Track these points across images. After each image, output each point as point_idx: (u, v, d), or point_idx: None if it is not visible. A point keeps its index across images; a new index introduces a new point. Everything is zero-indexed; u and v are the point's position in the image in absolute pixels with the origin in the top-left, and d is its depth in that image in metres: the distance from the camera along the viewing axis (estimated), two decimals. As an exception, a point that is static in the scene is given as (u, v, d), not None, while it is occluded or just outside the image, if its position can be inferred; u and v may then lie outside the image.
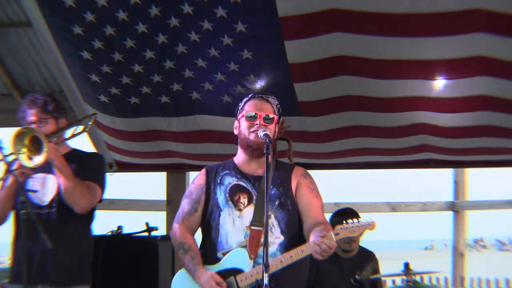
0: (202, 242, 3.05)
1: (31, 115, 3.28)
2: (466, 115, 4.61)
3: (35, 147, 3.07)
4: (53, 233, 3.09)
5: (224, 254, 2.91)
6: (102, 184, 3.39)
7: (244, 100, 3.09)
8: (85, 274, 3.36)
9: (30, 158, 3.05)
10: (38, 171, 3.21)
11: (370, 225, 2.85)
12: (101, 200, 3.41)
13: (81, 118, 3.63)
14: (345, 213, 4.23)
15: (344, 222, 2.82)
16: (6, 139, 3.16)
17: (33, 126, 3.22)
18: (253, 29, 4.17)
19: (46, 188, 3.26)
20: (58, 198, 3.22)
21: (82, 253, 3.36)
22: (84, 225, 3.39)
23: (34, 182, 3.25)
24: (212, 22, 4.17)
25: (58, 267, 3.17)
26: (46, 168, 3.19)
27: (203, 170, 3.11)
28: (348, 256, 4.25)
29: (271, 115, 3.00)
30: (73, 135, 3.43)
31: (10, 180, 3.15)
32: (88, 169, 3.34)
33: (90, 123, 3.58)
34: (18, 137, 3.05)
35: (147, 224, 4.96)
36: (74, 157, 3.31)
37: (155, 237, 4.84)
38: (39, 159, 3.05)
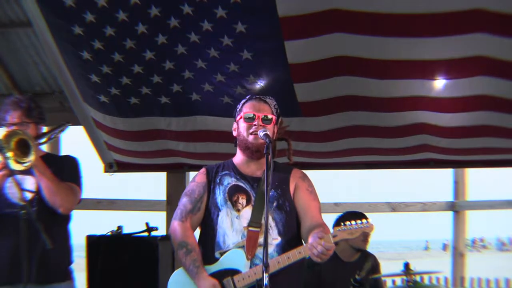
0: (199, 240, 3.05)
1: (14, 117, 3.26)
2: (466, 115, 4.61)
3: (22, 150, 3.05)
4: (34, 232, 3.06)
5: (221, 254, 2.92)
6: (80, 185, 3.40)
7: (242, 101, 3.10)
8: (67, 270, 3.37)
9: (17, 162, 3.03)
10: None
11: (369, 227, 2.87)
12: (79, 201, 3.41)
13: (56, 127, 3.59)
14: (354, 215, 4.24)
15: (342, 224, 2.83)
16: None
17: (14, 128, 3.21)
18: (253, 30, 4.17)
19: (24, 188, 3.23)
20: (38, 197, 3.21)
21: (63, 251, 3.36)
22: (63, 224, 3.39)
23: (11, 183, 3.20)
24: (212, 22, 4.17)
25: (40, 265, 3.14)
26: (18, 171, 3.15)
27: (203, 170, 3.12)
28: (351, 260, 4.25)
29: (270, 116, 3.01)
30: (46, 141, 3.44)
31: None
32: (65, 171, 3.33)
33: (60, 130, 3.54)
34: (5, 140, 3.02)
35: (147, 224, 4.97)
36: (49, 161, 3.28)
37: (155, 237, 4.85)
38: (28, 163, 3.04)
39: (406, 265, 4.24)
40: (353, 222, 2.83)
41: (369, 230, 2.88)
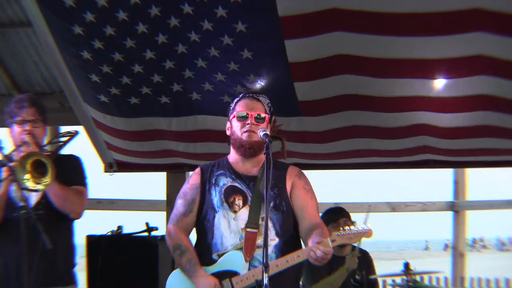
0: (196, 242, 3.05)
1: (29, 114, 3.25)
2: (466, 115, 4.61)
3: (38, 171, 3.04)
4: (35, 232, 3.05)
5: (219, 256, 2.91)
6: (86, 185, 3.40)
7: (235, 100, 3.10)
8: (72, 274, 3.37)
9: (36, 183, 3.02)
10: None
11: (367, 233, 2.89)
12: (87, 202, 3.41)
13: (64, 133, 3.57)
14: (337, 213, 4.24)
15: (341, 229, 2.85)
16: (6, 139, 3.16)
17: (28, 125, 3.21)
18: (253, 29, 4.17)
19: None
20: (45, 201, 3.20)
21: (69, 254, 3.37)
22: (68, 226, 3.39)
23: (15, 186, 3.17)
24: (212, 22, 4.17)
25: (46, 268, 3.14)
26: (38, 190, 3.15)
27: (197, 170, 3.11)
28: (342, 254, 4.25)
29: (263, 115, 3.00)
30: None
31: (2, 189, 3.14)
32: (71, 173, 3.34)
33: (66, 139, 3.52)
34: (20, 163, 3.00)
35: (147, 224, 4.97)
36: (54, 160, 3.23)
37: (155, 237, 4.85)
38: (46, 183, 3.03)
39: (406, 265, 4.24)
40: (352, 227, 2.85)
41: (368, 235, 2.90)
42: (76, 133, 3.48)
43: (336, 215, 4.21)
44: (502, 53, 3.99)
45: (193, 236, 3.10)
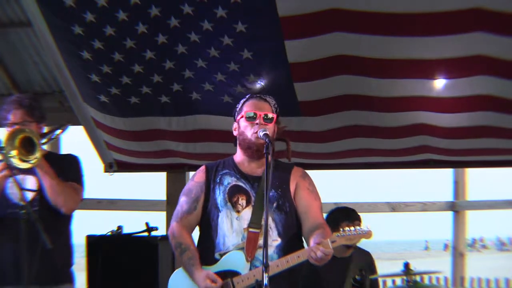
0: (199, 240, 3.06)
1: (17, 116, 3.25)
2: (466, 115, 4.61)
3: (26, 149, 3.04)
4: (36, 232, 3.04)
5: (221, 255, 2.92)
6: (82, 184, 3.41)
7: (242, 101, 3.10)
8: (69, 272, 3.37)
9: (22, 160, 3.02)
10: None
11: (367, 234, 2.90)
12: (81, 200, 3.41)
13: (56, 127, 3.57)
14: (352, 213, 4.20)
15: (341, 229, 2.86)
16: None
17: (15, 127, 3.20)
18: (253, 29, 4.17)
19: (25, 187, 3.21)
20: (40, 198, 3.20)
21: (65, 252, 3.37)
22: (65, 224, 3.39)
23: (12, 184, 3.16)
24: (212, 22, 4.17)
25: (43, 266, 3.14)
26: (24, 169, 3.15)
27: (203, 168, 3.11)
28: (344, 255, 4.25)
29: (270, 115, 3.01)
30: (46, 142, 3.43)
31: None
32: (67, 171, 3.33)
33: (60, 131, 3.52)
34: (9, 138, 3.02)
35: (147, 224, 4.97)
36: (51, 160, 3.26)
37: (155, 237, 4.85)
38: (33, 160, 3.02)
39: (406, 265, 4.24)
40: (351, 228, 2.86)
41: (368, 236, 2.91)
42: (64, 124, 3.49)
43: (353, 216, 4.17)
44: (502, 53, 4.00)
45: (196, 234, 3.11)
